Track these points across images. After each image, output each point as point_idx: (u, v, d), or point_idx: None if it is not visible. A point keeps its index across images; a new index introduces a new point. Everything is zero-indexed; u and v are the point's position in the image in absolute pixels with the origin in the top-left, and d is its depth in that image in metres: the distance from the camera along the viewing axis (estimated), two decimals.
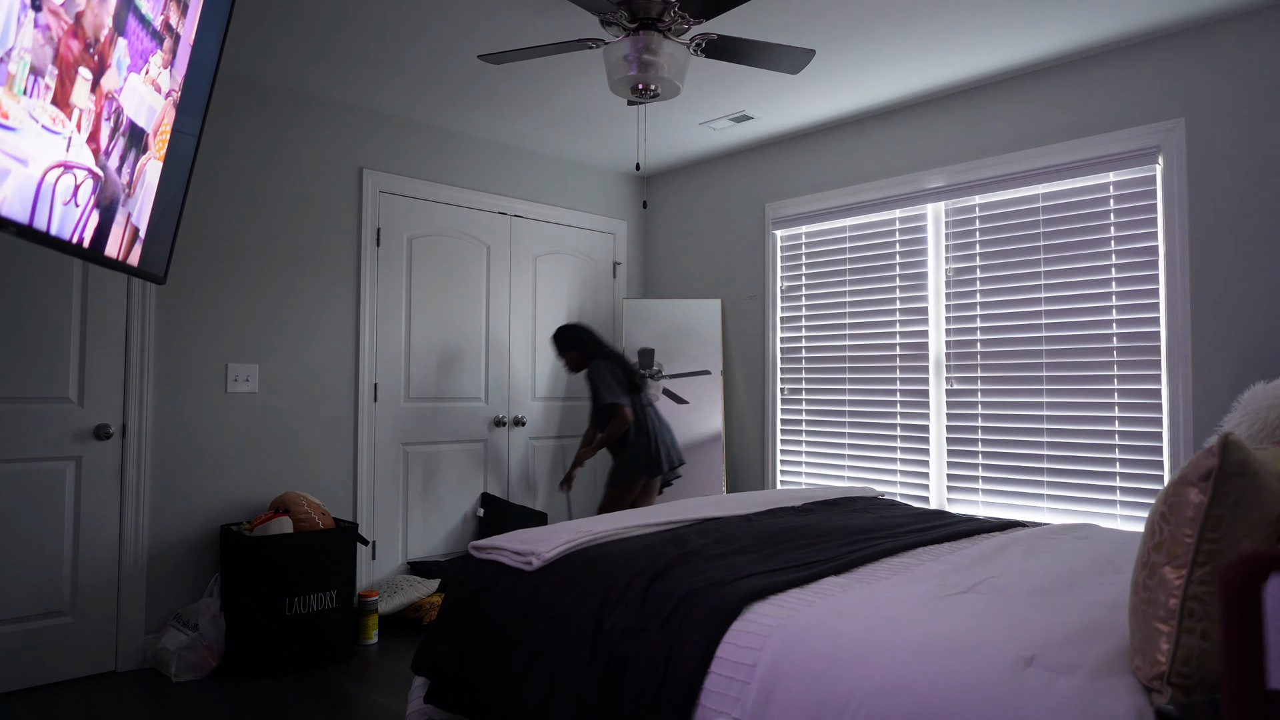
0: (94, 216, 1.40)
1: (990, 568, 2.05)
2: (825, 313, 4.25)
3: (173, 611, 3.37)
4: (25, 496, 3.05)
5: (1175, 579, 1.26)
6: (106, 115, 1.35)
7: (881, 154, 4.01)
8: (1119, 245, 3.24)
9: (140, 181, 1.61)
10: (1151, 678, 1.26)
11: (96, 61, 1.27)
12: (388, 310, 4.04)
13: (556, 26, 3.04)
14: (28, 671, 3.03)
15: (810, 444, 4.29)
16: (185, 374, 3.43)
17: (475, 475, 4.36)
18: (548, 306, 4.72)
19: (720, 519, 2.68)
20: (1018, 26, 3.05)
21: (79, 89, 1.22)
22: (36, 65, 1.08)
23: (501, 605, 2.19)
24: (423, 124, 4.18)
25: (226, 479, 3.52)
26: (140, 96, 1.50)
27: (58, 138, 1.18)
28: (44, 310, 3.10)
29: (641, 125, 4.24)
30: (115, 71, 1.34)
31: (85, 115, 1.26)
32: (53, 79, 1.13)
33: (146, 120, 1.56)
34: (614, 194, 5.11)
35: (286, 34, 3.14)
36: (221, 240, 3.53)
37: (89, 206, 1.37)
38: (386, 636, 3.72)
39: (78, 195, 1.31)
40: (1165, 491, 1.33)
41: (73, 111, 1.22)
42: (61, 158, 1.21)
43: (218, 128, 3.52)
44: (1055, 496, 3.36)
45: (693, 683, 1.67)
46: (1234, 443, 1.25)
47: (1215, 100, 3.00)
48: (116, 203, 1.50)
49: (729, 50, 2.69)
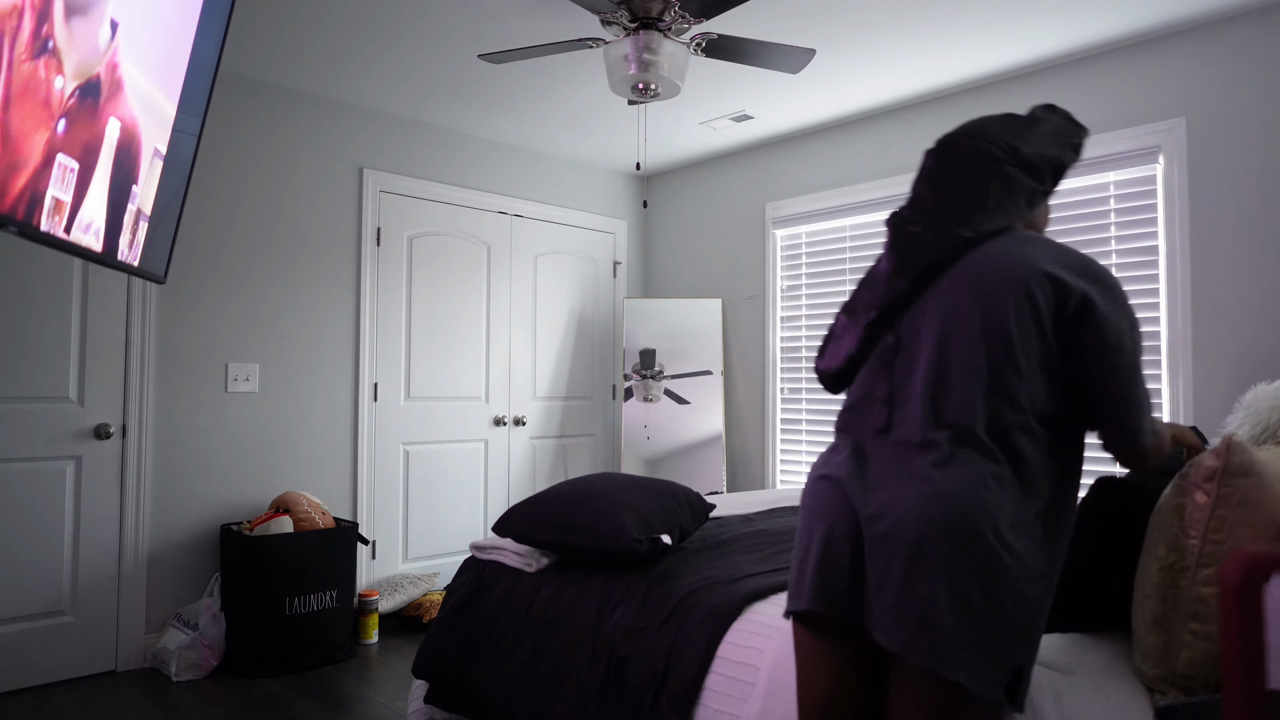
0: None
1: None
2: (825, 313, 4.25)
3: (173, 611, 3.37)
4: (25, 496, 3.05)
5: (1179, 580, 1.26)
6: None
7: (882, 154, 4.01)
8: (1119, 245, 3.24)
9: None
10: (1155, 678, 1.26)
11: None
12: (388, 310, 4.04)
13: (556, 26, 3.04)
14: (28, 671, 3.03)
15: (810, 444, 4.29)
16: (185, 374, 3.43)
17: (475, 475, 4.36)
18: (548, 306, 4.72)
19: (720, 519, 2.68)
20: (1017, 26, 3.05)
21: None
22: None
23: (502, 605, 2.19)
24: (423, 124, 4.18)
25: (226, 479, 3.52)
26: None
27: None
28: (44, 310, 3.10)
29: (641, 125, 4.24)
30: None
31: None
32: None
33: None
34: (614, 194, 5.11)
35: (286, 33, 3.14)
36: (221, 240, 3.53)
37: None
38: (386, 636, 3.72)
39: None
40: (1168, 493, 1.33)
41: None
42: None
43: (218, 128, 3.52)
44: None
45: (694, 683, 1.67)
46: (1237, 444, 1.25)
47: (1215, 100, 3.00)
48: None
49: (729, 50, 2.69)
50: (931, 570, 1.12)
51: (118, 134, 1.50)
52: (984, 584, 1.11)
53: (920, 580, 1.12)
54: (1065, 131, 1.37)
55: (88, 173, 1.38)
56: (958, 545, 1.12)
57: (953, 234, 1.31)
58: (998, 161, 1.32)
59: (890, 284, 1.34)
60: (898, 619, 1.14)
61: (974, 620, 1.11)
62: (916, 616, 1.12)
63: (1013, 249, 1.28)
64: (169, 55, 1.67)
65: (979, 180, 1.32)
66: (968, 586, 1.11)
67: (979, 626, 1.10)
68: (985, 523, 1.13)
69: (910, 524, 1.15)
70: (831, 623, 1.29)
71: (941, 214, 1.33)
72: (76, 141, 1.30)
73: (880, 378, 1.33)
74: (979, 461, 1.17)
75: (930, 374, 1.25)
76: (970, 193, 1.32)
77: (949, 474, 1.17)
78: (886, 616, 1.15)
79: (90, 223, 1.46)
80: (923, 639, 1.11)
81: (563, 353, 4.78)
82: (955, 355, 1.24)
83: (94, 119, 1.36)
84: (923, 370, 1.27)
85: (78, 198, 1.38)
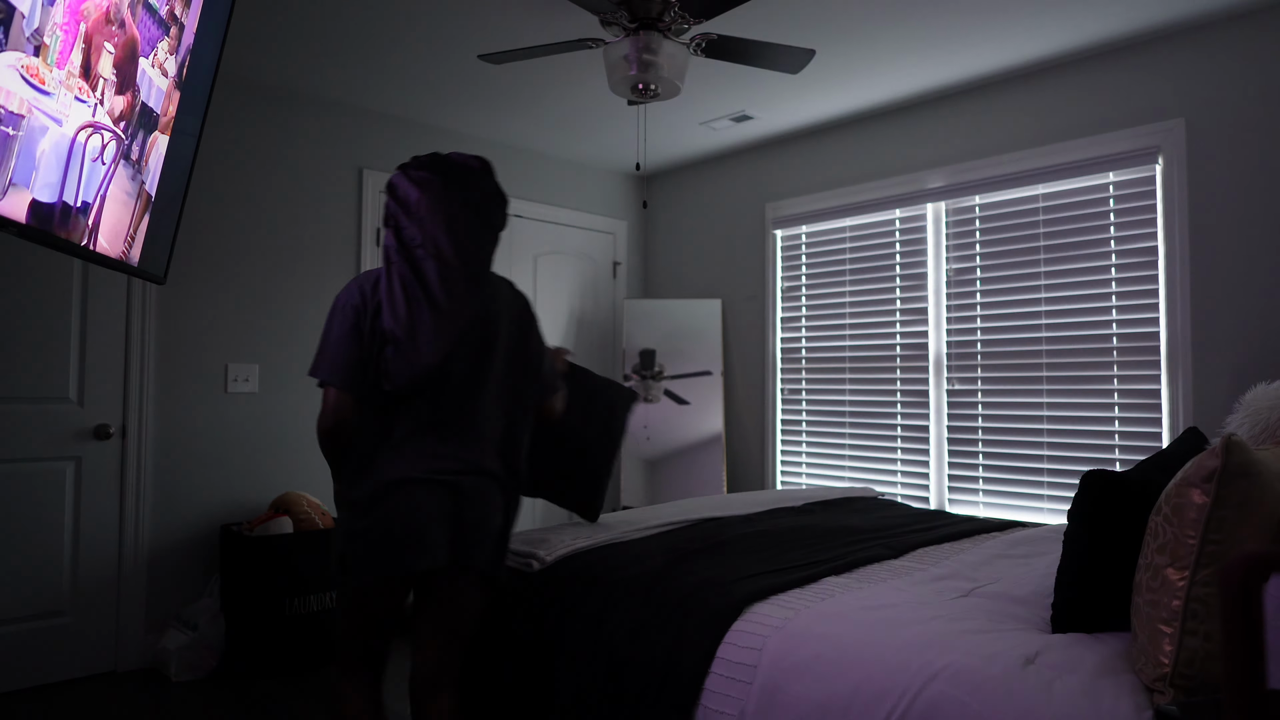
0: (116, 174, 1.52)
1: (991, 569, 2.05)
2: (825, 313, 4.25)
3: (173, 611, 3.37)
4: (25, 496, 3.05)
5: (1178, 580, 1.26)
6: (124, 89, 1.49)
7: (881, 154, 4.01)
8: (1119, 245, 3.24)
9: (152, 153, 1.69)
10: (1154, 679, 1.26)
11: (118, 41, 1.41)
12: None
13: (556, 26, 3.04)
14: (28, 671, 3.03)
15: (810, 444, 4.29)
16: (185, 374, 3.42)
17: None
18: (548, 306, 4.72)
19: (721, 519, 2.68)
20: (1017, 26, 3.05)
21: (104, 62, 1.37)
22: (66, 41, 1.25)
23: (502, 606, 2.19)
24: (423, 124, 4.18)
25: (226, 479, 3.52)
26: (150, 79, 1.58)
27: (85, 105, 1.34)
28: (44, 310, 3.10)
29: (641, 125, 4.24)
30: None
31: (109, 87, 1.43)
32: (79, 53, 1.30)
33: (156, 101, 1.63)
34: (614, 194, 5.11)
35: (286, 34, 3.14)
36: (221, 240, 3.53)
37: (113, 164, 1.49)
38: None
39: (104, 154, 1.44)
40: (1168, 493, 1.33)
41: (98, 83, 1.38)
42: (90, 120, 1.37)
43: (218, 128, 3.52)
44: (1055, 497, 3.36)
45: (694, 683, 1.67)
46: (1237, 444, 1.25)
47: (1215, 100, 3.00)
48: (134, 168, 1.58)
49: (729, 50, 2.69)
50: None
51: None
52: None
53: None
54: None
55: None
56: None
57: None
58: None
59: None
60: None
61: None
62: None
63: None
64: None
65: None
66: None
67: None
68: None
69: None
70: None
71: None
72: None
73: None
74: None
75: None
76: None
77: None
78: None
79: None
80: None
81: None
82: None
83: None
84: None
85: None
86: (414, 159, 1.83)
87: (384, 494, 1.71)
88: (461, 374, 1.81)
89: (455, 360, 1.80)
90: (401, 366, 1.73)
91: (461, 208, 1.83)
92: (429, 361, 1.74)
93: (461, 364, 1.81)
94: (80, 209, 1.40)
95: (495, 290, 1.93)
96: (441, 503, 1.74)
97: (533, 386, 1.98)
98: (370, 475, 1.74)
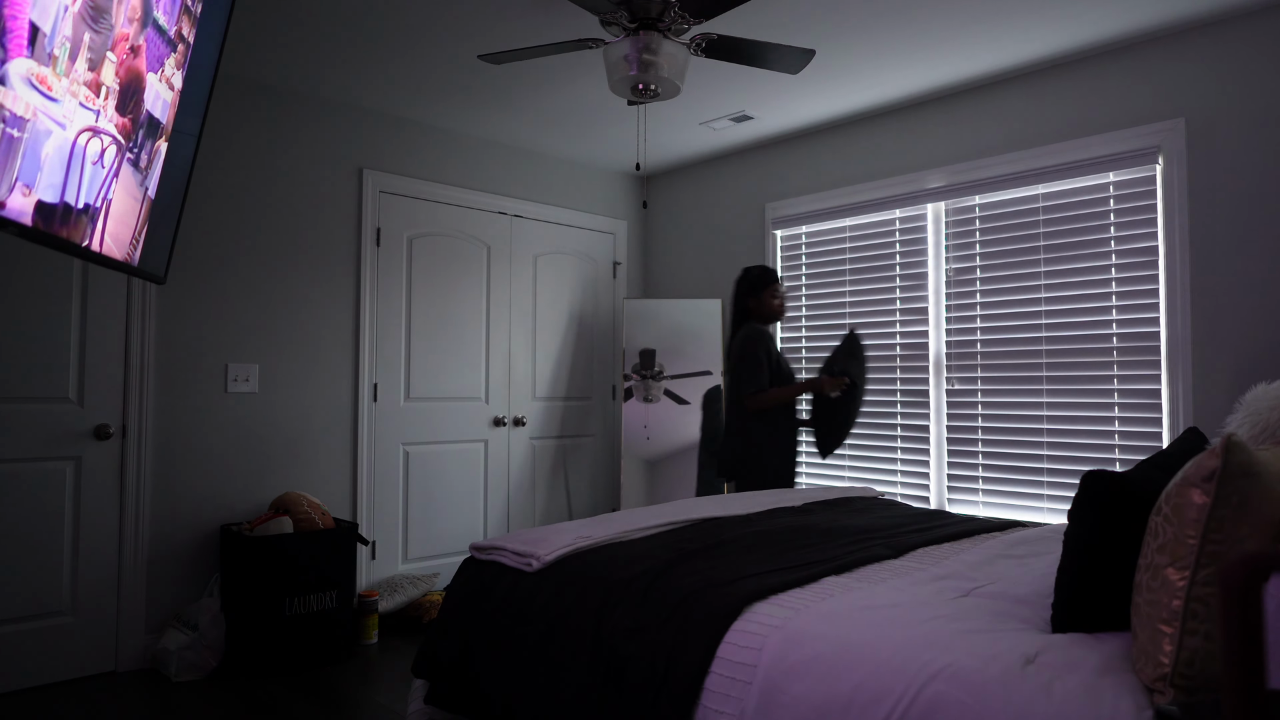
0: (118, 179, 1.56)
1: (991, 569, 2.05)
2: (825, 313, 4.25)
3: (173, 611, 3.37)
4: (25, 496, 3.05)
5: (1178, 580, 1.26)
6: (129, 101, 1.54)
7: (881, 154, 4.01)
8: (1119, 245, 3.24)
9: (156, 159, 1.71)
10: (1154, 679, 1.26)
11: (123, 53, 1.46)
12: (388, 310, 4.04)
13: (556, 26, 3.04)
14: (28, 672, 3.03)
15: (810, 444, 4.29)
16: (185, 374, 3.42)
17: (475, 476, 4.36)
18: (548, 306, 4.72)
19: (720, 519, 2.68)
20: (1017, 26, 3.05)
21: (106, 70, 1.42)
22: (73, 50, 1.30)
23: (502, 606, 2.19)
24: (423, 124, 4.18)
25: (226, 479, 3.52)
26: (157, 92, 1.59)
27: (89, 112, 1.40)
28: (44, 310, 3.10)
29: (641, 125, 4.24)
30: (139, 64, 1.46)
31: (112, 94, 1.48)
32: (86, 62, 1.35)
33: (161, 112, 1.65)
34: (614, 194, 5.11)
35: (286, 34, 3.14)
36: (221, 240, 3.53)
37: (114, 168, 1.53)
38: (387, 636, 3.72)
39: (104, 157, 1.47)
40: (1168, 493, 1.33)
41: (101, 90, 1.43)
42: (92, 124, 1.42)
43: (218, 128, 3.52)
44: (1055, 497, 3.36)
45: (693, 683, 1.67)
46: (1237, 444, 1.25)
47: (1215, 100, 3.00)
48: (142, 174, 1.60)
49: (729, 50, 2.69)
50: None
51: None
52: None
53: None
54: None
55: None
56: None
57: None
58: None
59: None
60: None
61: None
62: None
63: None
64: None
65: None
66: None
67: None
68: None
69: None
70: None
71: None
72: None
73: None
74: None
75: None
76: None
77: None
78: None
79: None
80: None
81: (562, 353, 4.78)
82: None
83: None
84: None
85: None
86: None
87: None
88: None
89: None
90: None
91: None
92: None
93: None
94: (82, 210, 1.40)
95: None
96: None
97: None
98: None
